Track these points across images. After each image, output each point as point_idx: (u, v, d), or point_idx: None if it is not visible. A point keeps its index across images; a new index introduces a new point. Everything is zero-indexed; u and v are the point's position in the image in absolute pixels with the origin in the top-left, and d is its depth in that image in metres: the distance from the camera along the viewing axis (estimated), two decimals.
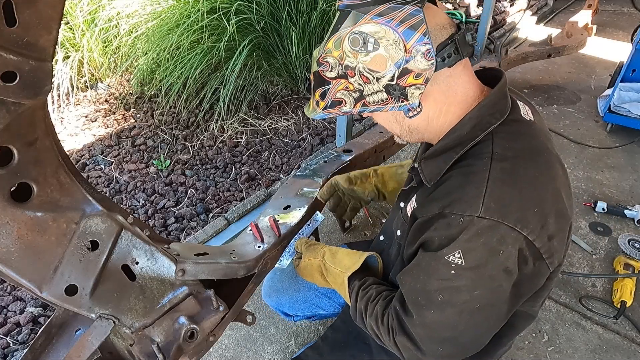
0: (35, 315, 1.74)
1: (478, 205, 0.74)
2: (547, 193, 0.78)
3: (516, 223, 0.74)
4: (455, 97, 0.82)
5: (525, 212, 0.75)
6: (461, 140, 0.82)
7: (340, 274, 1.04)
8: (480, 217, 0.74)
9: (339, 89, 0.80)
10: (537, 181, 0.78)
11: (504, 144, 0.80)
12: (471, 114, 0.81)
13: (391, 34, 0.72)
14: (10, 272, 0.64)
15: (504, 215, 0.74)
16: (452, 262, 0.77)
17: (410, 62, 0.73)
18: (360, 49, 0.74)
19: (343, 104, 0.82)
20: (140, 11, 2.99)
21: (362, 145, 1.73)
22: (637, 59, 2.60)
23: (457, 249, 0.76)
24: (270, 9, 2.71)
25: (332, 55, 0.78)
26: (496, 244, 0.74)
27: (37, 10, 0.53)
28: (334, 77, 0.79)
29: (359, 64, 0.76)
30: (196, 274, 0.89)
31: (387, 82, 0.76)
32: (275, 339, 1.66)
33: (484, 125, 0.81)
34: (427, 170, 0.86)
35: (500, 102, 0.83)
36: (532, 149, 0.82)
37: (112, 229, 0.73)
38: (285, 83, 3.06)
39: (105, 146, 2.75)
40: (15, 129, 0.58)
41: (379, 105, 0.80)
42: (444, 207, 0.78)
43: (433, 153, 0.86)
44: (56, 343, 0.85)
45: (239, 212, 2.13)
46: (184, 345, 0.89)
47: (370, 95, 0.79)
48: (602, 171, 2.37)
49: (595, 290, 1.75)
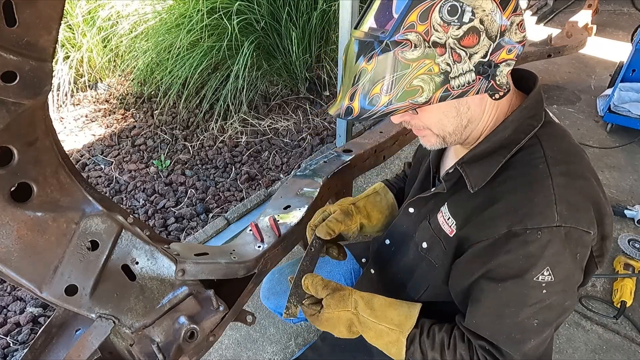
0: (35, 315, 1.74)
1: (553, 215, 0.70)
2: (600, 193, 0.77)
3: (589, 226, 0.72)
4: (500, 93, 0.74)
5: (591, 213, 0.73)
6: (504, 143, 0.77)
7: (389, 332, 0.87)
8: (558, 225, 0.70)
9: (418, 74, 0.66)
10: (590, 182, 0.76)
11: (552, 146, 0.76)
12: (513, 117, 0.77)
13: (488, 3, 0.64)
14: (10, 272, 0.64)
15: (577, 220, 0.71)
16: (543, 282, 0.72)
17: (506, 34, 0.66)
18: (455, 21, 0.63)
19: (419, 93, 0.68)
20: (140, 11, 2.99)
21: (362, 145, 1.73)
22: (637, 59, 2.60)
23: (544, 267, 0.71)
24: (271, 9, 2.71)
25: (416, 31, 0.64)
26: (576, 249, 0.72)
27: (37, 10, 0.53)
28: (416, 57, 0.65)
29: (449, 39, 0.64)
30: (196, 274, 0.89)
31: (479, 59, 0.66)
32: (275, 339, 1.66)
33: (526, 128, 0.77)
34: (473, 175, 0.78)
35: (538, 105, 0.80)
36: (577, 150, 0.79)
37: (112, 229, 0.73)
38: (285, 83, 3.06)
39: (105, 146, 2.75)
40: (15, 129, 0.58)
41: (464, 89, 0.69)
42: (514, 224, 0.72)
43: (475, 156, 0.79)
44: (56, 343, 0.85)
45: (239, 212, 2.13)
46: (184, 345, 0.89)
47: (457, 78, 0.67)
48: (602, 171, 2.37)
49: (595, 290, 1.75)
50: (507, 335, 0.76)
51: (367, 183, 2.39)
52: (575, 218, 0.71)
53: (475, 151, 0.80)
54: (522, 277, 0.72)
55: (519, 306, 0.74)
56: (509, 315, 0.75)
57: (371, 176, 2.43)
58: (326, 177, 1.47)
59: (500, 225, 0.73)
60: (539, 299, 0.73)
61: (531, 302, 0.73)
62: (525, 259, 0.72)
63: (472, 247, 0.78)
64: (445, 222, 0.86)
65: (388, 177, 1.26)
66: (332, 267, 1.35)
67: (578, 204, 0.72)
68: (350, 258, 1.38)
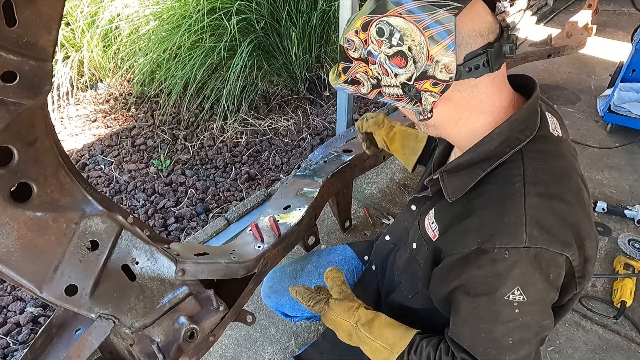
0: (35, 315, 1.74)
1: (522, 236, 0.70)
2: (582, 215, 0.75)
3: (563, 248, 0.71)
4: (480, 106, 0.76)
5: (566, 236, 0.72)
6: (488, 155, 0.77)
7: (382, 350, 0.92)
8: (527, 247, 0.69)
9: (359, 70, 0.76)
10: (571, 204, 0.74)
11: (534, 164, 0.75)
12: (500, 129, 0.76)
13: (417, 35, 0.66)
14: (10, 272, 0.64)
15: (549, 242, 0.70)
16: (514, 301, 0.72)
17: (430, 69, 0.68)
18: (385, 40, 0.69)
19: (361, 85, 0.77)
20: (141, 12, 2.99)
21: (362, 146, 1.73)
22: (637, 59, 2.60)
23: (514, 286, 0.71)
24: (270, 9, 2.71)
25: (358, 37, 0.72)
26: (547, 269, 0.72)
27: (37, 10, 0.53)
28: (356, 58, 0.75)
29: (381, 54, 0.71)
30: (196, 274, 0.89)
31: (404, 81, 0.71)
32: (275, 339, 1.66)
33: (513, 142, 0.76)
34: (451, 185, 0.80)
35: (531, 118, 0.78)
36: (563, 171, 0.78)
37: (112, 229, 0.73)
38: (285, 83, 3.06)
39: (105, 146, 2.75)
40: (15, 129, 0.58)
41: (393, 99, 0.75)
42: (483, 242, 0.72)
43: (457, 167, 0.80)
44: (56, 343, 0.85)
45: (239, 212, 2.13)
46: (184, 345, 0.89)
47: (387, 87, 0.74)
48: (602, 171, 2.37)
49: (595, 290, 1.75)
50: (483, 349, 0.77)
51: (367, 183, 2.39)
52: (546, 240, 0.70)
53: (458, 160, 0.80)
54: (493, 295, 0.73)
55: (492, 323, 0.75)
56: (484, 330, 0.76)
57: (371, 176, 2.43)
58: (326, 177, 1.47)
59: (472, 241, 0.74)
60: (511, 317, 0.73)
61: (503, 320, 0.74)
62: (494, 277, 0.72)
63: (446, 258, 0.80)
64: (429, 225, 0.87)
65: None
66: (335, 266, 1.35)
67: (551, 226, 0.71)
68: (353, 257, 1.38)
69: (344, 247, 1.43)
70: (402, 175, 2.42)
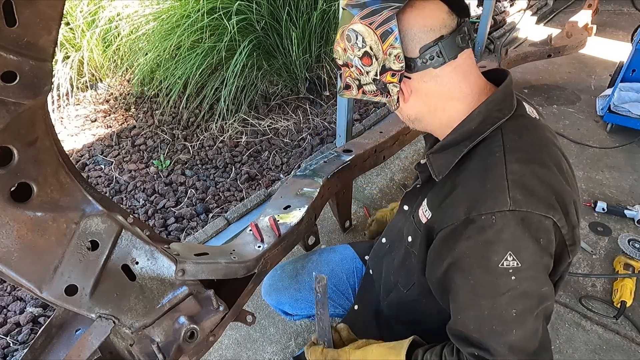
0: (35, 315, 1.74)
1: (506, 199, 0.72)
2: (563, 182, 0.78)
3: (548, 211, 0.73)
4: (450, 93, 0.83)
5: (550, 199, 0.74)
6: (469, 134, 0.82)
7: None
8: (512, 210, 0.72)
9: (346, 76, 0.88)
10: (550, 170, 0.78)
11: (513, 137, 0.80)
12: (480, 109, 0.82)
13: (372, 35, 0.77)
14: (10, 272, 0.64)
15: (534, 205, 0.72)
16: (509, 268, 0.72)
17: (387, 62, 0.79)
18: (354, 45, 0.81)
19: (351, 89, 0.89)
20: (140, 12, 2.99)
21: (362, 145, 1.73)
22: (637, 59, 2.60)
23: (506, 252, 0.72)
24: (270, 9, 2.71)
25: (340, 46, 0.85)
26: (537, 233, 0.73)
27: (37, 10, 0.53)
28: (341, 65, 0.88)
29: (355, 57, 0.82)
30: (196, 274, 0.89)
31: (373, 77, 0.82)
32: (275, 339, 1.66)
33: (492, 120, 0.81)
34: (436, 164, 0.85)
35: (507, 99, 0.83)
36: (541, 142, 0.82)
37: (112, 229, 0.73)
38: (285, 83, 3.06)
39: (105, 146, 2.75)
40: (15, 129, 0.58)
41: (372, 96, 0.86)
42: (470, 211, 0.75)
43: (441, 147, 0.85)
44: (56, 343, 0.85)
45: (239, 212, 2.13)
46: (183, 345, 0.89)
47: (366, 85, 0.85)
48: (602, 171, 2.37)
49: (595, 290, 1.75)
50: (489, 328, 0.76)
51: (367, 183, 2.39)
52: (531, 203, 0.72)
53: (442, 142, 0.86)
54: (487, 265, 0.74)
55: (492, 296, 0.75)
56: (485, 307, 0.76)
57: (371, 176, 2.43)
58: (326, 177, 1.47)
59: (459, 212, 0.77)
60: (510, 286, 0.73)
61: (502, 290, 0.74)
62: (484, 246, 0.74)
63: (438, 233, 0.82)
64: (423, 214, 0.90)
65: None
66: (335, 266, 1.36)
67: (534, 189, 0.74)
68: (354, 257, 1.38)
69: (345, 246, 1.43)
70: (402, 175, 2.43)
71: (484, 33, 3.31)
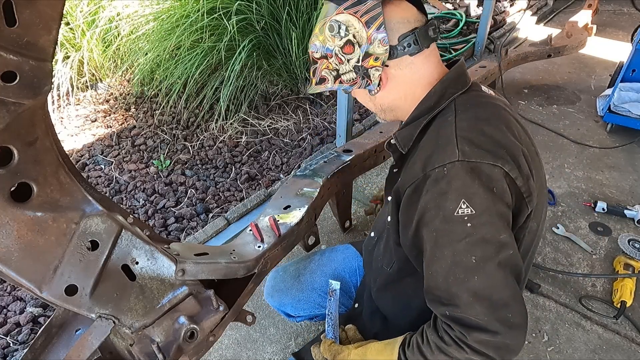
0: (35, 315, 1.74)
1: (454, 151, 0.79)
2: (510, 137, 0.84)
3: (496, 160, 0.78)
4: (420, 81, 0.92)
5: (498, 151, 0.80)
6: (428, 110, 0.91)
7: None
8: (460, 160, 0.77)
9: (322, 68, 0.93)
10: (499, 128, 0.84)
11: (465, 103, 0.89)
12: (435, 88, 0.90)
13: (356, 22, 0.85)
14: (10, 272, 0.64)
15: (482, 155, 0.78)
16: (464, 215, 0.76)
17: (371, 47, 0.86)
18: (336, 34, 0.87)
19: (326, 82, 0.94)
20: (140, 12, 2.99)
21: (362, 145, 1.73)
22: (637, 59, 2.60)
23: (459, 199, 0.76)
24: (270, 9, 2.71)
25: (318, 40, 0.91)
26: (488, 182, 0.77)
27: (37, 10, 0.53)
28: (319, 57, 0.93)
29: (335, 47, 0.89)
30: (196, 274, 0.89)
31: (354, 64, 0.89)
32: (275, 339, 1.66)
33: (448, 95, 0.90)
34: (401, 138, 0.94)
35: (460, 78, 0.92)
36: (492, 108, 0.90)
37: (112, 229, 0.73)
38: (285, 83, 3.06)
39: (105, 146, 2.75)
40: (15, 129, 0.58)
41: (351, 84, 0.92)
42: (425, 167, 0.82)
43: (405, 124, 0.95)
44: (56, 343, 0.85)
45: (239, 212, 2.13)
46: (183, 345, 0.89)
47: (345, 74, 0.91)
48: (602, 171, 2.37)
49: (595, 290, 1.75)
50: (453, 277, 0.78)
51: (367, 183, 2.39)
52: (478, 154, 0.78)
53: (406, 120, 0.95)
54: (443, 215, 0.78)
55: (451, 244, 0.78)
56: (448, 256, 0.78)
57: (371, 176, 2.43)
58: (326, 177, 1.48)
59: (417, 170, 0.83)
60: (466, 233, 0.76)
61: (459, 237, 0.77)
62: (439, 196, 0.78)
63: (404, 195, 0.87)
64: None
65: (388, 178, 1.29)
66: (338, 265, 1.36)
67: (481, 142, 0.80)
68: (356, 255, 1.39)
69: (346, 246, 1.43)
70: None
71: (484, 33, 3.31)
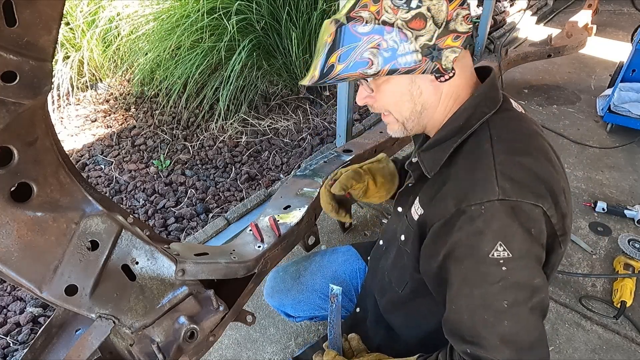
0: (35, 315, 1.74)
1: (494, 189, 0.72)
2: (552, 171, 0.78)
3: (537, 199, 0.72)
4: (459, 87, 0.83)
5: (539, 188, 0.74)
6: (457, 130, 0.82)
7: None
8: (501, 199, 0.71)
9: (369, 47, 0.74)
10: (539, 160, 0.78)
11: (500, 130, 0.80)
12: (465, 105, 0.82)
13: None
14: (10, 272, 0.64)
15: (522, 194, 0.72)
16: (500, 258, 0.71)
17: (452, 23, 0.73)
18: (403, 5, 0.72)
19: (369, 65, 0.75)
20: (140, 12, 2.99)
21: (362, 145, 1.73)
22: (637, 59, 2.60)
23: (496, 241, 0.71)
24: (270, 9, 2.71)
25: (369, 10, 0.73)
26: (527, 223, 0.72)
27: (37, 10, 0.53)
28: (367, 32, 0.73)
29: (398, 20, 0.72)
30: (196, 274, 0.89)
31: (425, 42, 0.74)
32: (275, 339, 1.66)
33: (479, 115, 0.81)
34: (427, 161, 0.85)
35: (491, 93, 0.83)
36: (529, 133, 0.83)
37: (112, 229, 0.73)
38: (285, 83, 3.06)
39: (105, 146, 2.75)
40: (15, 129, 0.58)
41: (410, 68, 0.75)
42: (460, 202, 0.75)
43: (430, 145, 0.85)
44: (56, 343, 0.85)
45: (239, 212, 2.13)
46: (183, 345, 0.89)
47: (404, 56, 0.74)
48: (602, 171, 2.37)
49: (595, 290, 1.75)
50: (480, 317, 0.74)
51: None
52: (520, 192, 0.72)
53: (432, 140, 0.85)
54: (477, 255, 0.73)
55: (483, 286, 0.74)
56: (477, 296, 0.74)
57: None
58: (326, 177, 1.47)
59: (450, 205, 0.76)
60: (500, 276, 0.72)
61: (493, 280, 0.73)
62: (475, 236, 0.73)
63: (431, 228, 0.81)
64: (415, 211, 0.89)
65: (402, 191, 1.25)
66: (338, 267, 1.36)
67: (522, 179, 0.74)
68: (357, 257, 1.38)
69: (347, 247, 1.42)
70: None
71: (484, 33, 3.31)
